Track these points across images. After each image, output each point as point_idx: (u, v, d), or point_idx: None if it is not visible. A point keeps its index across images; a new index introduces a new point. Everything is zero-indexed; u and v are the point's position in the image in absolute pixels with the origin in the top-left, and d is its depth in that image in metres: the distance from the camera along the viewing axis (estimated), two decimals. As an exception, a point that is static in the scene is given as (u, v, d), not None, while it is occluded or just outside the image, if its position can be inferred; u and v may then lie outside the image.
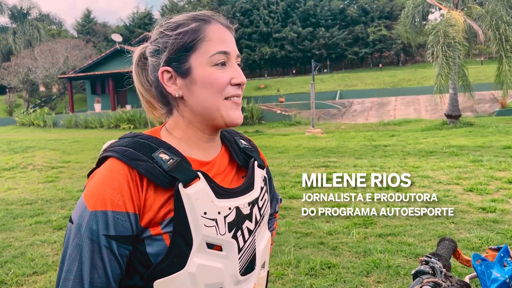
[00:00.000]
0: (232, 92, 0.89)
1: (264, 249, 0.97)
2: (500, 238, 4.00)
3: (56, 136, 19.83)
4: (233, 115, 0.89)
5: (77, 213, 0.79)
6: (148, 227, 0.81)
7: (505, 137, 11.02)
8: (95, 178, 0.82)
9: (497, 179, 6.35)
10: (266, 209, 0.98)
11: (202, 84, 0.87)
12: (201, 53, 0.87)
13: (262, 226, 0.97)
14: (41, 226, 5.19)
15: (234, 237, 0.85)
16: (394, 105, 22.96)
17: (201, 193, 0.82)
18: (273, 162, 9.14)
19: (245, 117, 21.53)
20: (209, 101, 0.88)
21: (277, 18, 43.80)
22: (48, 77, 31.04)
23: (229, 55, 0.88)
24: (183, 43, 0.87)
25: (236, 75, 0.89)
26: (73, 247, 0.78)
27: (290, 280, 3.40)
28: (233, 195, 0.88)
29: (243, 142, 1.04)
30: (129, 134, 0.89)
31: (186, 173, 0.82)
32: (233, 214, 0.85)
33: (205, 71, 0.87)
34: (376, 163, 8.27)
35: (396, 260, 3.63)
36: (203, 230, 0.81)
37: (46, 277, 3.66)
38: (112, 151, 0.84)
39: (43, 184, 8.02)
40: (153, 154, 0.83)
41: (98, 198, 0.78)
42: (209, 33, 0.88)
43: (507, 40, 13.46)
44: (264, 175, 1.02)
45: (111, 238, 0.77)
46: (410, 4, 16.43)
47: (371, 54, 44.12)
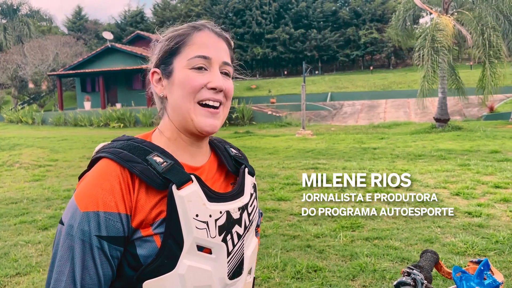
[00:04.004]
0: (206, 95, 0.89)
1: (251, 255, 0.98)
2: (485, 243, 4.03)
3: (45, 133, 19.62)
4: (203, 121, 0.89)
5: (68, 215, 0.80)
6: (139, 228, 0.82)
7: (493, 141, 11.14)
8: (87, 179, 0.83)
9: (483, 183, 6.41)
10: (255, 215, 1.00)
11: (178, 85, 0.89)
12: (183, 57, 0.90)
13: (251, 232, 0.98)
14: (26, 226, 5.12)
15: (224, 241, 0.86)
16: (384, 107, 23.11)
17: (194, 195, 0.83)
18: (263, 163, 9.13)
19: (236, 117, 21.52)
20: (181, 102, 0.89)
21: (270, 19, 43.85)
22: (37, 74, 30.70)
23: (210, 60, 0.89)
24: (170, 47, 0.91)
25: (213, 79, 0.89)
26: (64, 248, 0.78)
27: (276, 283, 3.39)
28: (224, 200, 0.89)
29: (233, 151, 1.06)
30: (123, 137, 0.91)
31: (179, 175, 0.83)
32: (223, 218, 0.87)
33: (183, 73, 0.89)
34: (365, 165, 8.31)
35: (382, 264, 3.64)
36: (195, 232, 0.82)
37: (29, 278, 3.60)
38: (106, 152, 0.85)
39: (29, 182, 7.92)
40: (147, 156, 0.84)
41: (90, 199, 0.79)
42: (195, 38, 0.91)
43: (491, 46, 13.62)
44: (253, 182, 1.03)
45: (103, 238, 0.78)
46: (401, 8, 16.55)
47: (362, 56, 44.37)
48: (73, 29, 49.09)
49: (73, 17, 50.85)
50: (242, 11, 44.25)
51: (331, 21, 44.10)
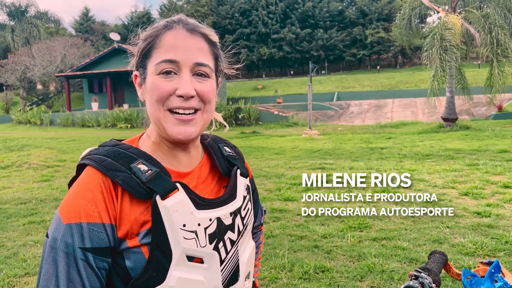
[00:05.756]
0: (175, 104, 0.83)
1: (248, 260, 0.94)
2: (494, 243, 4.00)
3: (53, 134, 19.76)
4: (174, 130, 0.83)
5: (52, 227, 0.78)
6: (126, 238, 0.79)
7: (501, 141, 11.04)
8: (71, 191, 0.81)
9: (492, 183, 6.35)
10: (249, 219, 0.96)
11: (148, 91, 0.85)
12: (152, 61, 0.85)
13: (246, 236, 0.95)
14: (35, 226, 5.16)
15: (215, 249, 0.83)
16: (392, 107, 22.99)
17: (180, 204, 0.79)
18: (270, 163, 9.12)
19: (242, 117, 21.53)
20: (152, 109, 0.85)
21: (276, 19, 43.82)
22: (45, 75, 30.92)
23: (178, 64, 0.83)
24: (143, 49, 0.86)
25: (180, 86, 0.82)
26: (49, 262, 0.76)
27: (284, 284, 3.38)
28: (214, 206, 0.85)
29: (227, 150, 1.01)
30: (110, 143, 0.87)
31: (164, 184, 0.79)
32: (214, 225, 0.83)
33: (151, 79, 0.84)
34: (373, 165, 8.27)
35: (391, 264, 3.62)
36: (182, 242, 0.78)
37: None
38: (90, 160, 0.82)
39: (38, 183, 7.98)
40: (131, 164, 0.81)
41: (72, 211, 0.77)
42: (163, 39, 0.84)
43: (498, 44, 13.50)
44: (247, 183, 0.99)
45: (87, 250, 0.75)
46: (407, 6, 16.44)
47: (369, 56, 44.18)
48: (80, 31, 49.41)
49: (80, 19, 51.19)
50: (248, 11, 44.26)
51: (338, 21, 43.99)
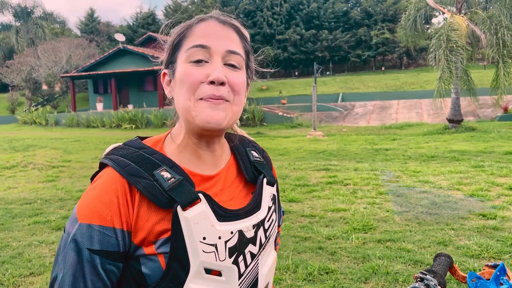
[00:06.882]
0: (206, 92, 0.79)
1: (268, 271, 0.90)
2: (500, 246, 3.97)
3: (58, 135, 19.86)
4: (204, 114, 0.78)
5: (69, 223, 0.78)
6: (142, 245, 0.77)
7: (507, 142, 10.98)
8: (90, 190, 0.80)
9: (498, 185, 6.31)
10: (273, 230, 0.91)
11: (178, 82, 0.82)
12: (182, 50, 0.82)
13: (268, 248, 0.90)
14: (40, 226, 5.18)
15: (234, 263, 0.80)
16: (396, 108, 22.92)
17: (201, 216, 0.77)
18: (274, 164, 9.04)
19: (247, 118, 21.53)
20: (182, 100, 0.81)
21: (281, 20, 43.84)
22: (50, 76, 31.13)
23: (209, 50, 0.80)
24: (173, 43, 0.85)
25: (212, 72, 0.79)
26: (62, 256, 0.77)
27: (288, 285, 3.38)
28: (237, 217, 0.82)
29: (254, 155, 0.96)
30: (135, 144, 0.84)
31: (186, 194, 0.77)
32: (235, 238, 0.80)
33: (181, 68, 0.81)
34: (377, 167, 8.25)
35: (395, 266, 3.60)
36: (201, 256, 0.76)
37: (43, 278, 3.64)
38: (113, 162, 0.80)
39: (43, 183, 8.02)
40: (154, 171, 0.78)
41: (87, 211, 0.77)
42: (195, 29, 0.83)
43: (504, 45, 13.44)
44: (273, 193, 0.93)
45: (94, 252, 0.75)
46: (412, 7, 16.39)
47: (374, 57, 44.10)
48: (85, 31, 49.63)
49: (85, 19, 51.41)
50: (253, 12, 44.31)
51: (343, 22, 43.94)
